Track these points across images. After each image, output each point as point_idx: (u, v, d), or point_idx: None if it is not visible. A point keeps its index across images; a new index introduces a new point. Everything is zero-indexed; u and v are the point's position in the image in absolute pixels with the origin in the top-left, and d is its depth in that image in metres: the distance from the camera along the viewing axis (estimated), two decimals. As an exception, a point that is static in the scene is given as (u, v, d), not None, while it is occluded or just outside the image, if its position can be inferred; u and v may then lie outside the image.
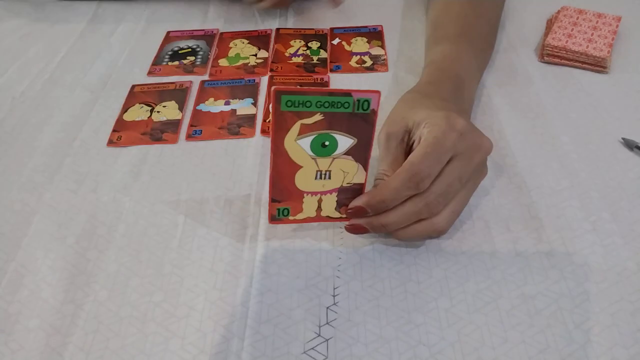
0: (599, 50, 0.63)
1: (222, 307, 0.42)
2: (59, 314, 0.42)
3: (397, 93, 0.54)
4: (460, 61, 0.56)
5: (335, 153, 0.42)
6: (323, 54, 0.69)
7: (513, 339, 0.40)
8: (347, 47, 0.70)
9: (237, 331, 0.41)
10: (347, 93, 0.39)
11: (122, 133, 0.58)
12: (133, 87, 0.65)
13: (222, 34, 0.73)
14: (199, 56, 0.69)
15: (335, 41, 0.71)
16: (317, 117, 0.40)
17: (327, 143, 0.41)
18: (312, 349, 0.40)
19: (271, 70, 0.67)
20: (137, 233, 0.48)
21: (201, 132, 0.58)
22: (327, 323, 0.41)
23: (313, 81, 0.64)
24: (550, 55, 0.65)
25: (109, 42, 0.73)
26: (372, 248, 0.46)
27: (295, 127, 0.40)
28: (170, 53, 0.70)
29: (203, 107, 0.61)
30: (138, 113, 0.61)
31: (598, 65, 0.63)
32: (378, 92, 0.40)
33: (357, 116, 0.40)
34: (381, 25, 0.73)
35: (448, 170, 0.42)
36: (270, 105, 0.38)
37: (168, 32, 0.74)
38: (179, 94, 0.63)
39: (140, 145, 0.57)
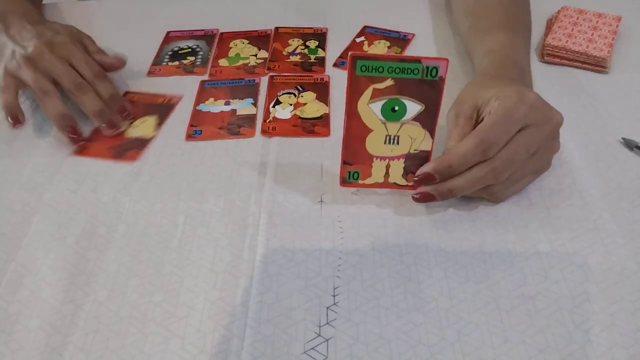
0: (599, 50, 0.63)
1: (222, 307, 0.42)
2: (59, 314, 0.42)
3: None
4: (517, 49, 0.57)
5: (404, 118, 0.44)
6: (321, 53, 0.69)
7: (513, 339, 0.40)
8: (365, 47, 0.69)
9: (237, 331, 0.41)
10: (417, 60, 0.41)
11: (85, 145, 0.57)
12: (126, 93, 0.64)
13: (222, 34, 0.73)
14: (199, 56, 0.69)
15: (360, 39, 0.71)
16: (389, 82, 0.42)
17: (396, 108, 0.43)
18: (312, 349, 0.40)
19: (268, 68, 0.67)
20: (137, 233, 0.48)
21: (201, 132, 0.58)
22: (327, 323, 0.41)
23: (313, 81, 0.64)
24: (550, 55, 0.65)
25: (108, 42, 0.73)
26: (372, 248, 0.46)
27: (368, 91, 0.43)
28: (170, 53, 0.70)
29: (203, 107, 0.61)
30: None
31: (598, 65, 0.63)
32: (446, 59, 0.41)
33: (425, 83, 0.42)
34: (413, 34, 0.71)
35: (516, 138, 0.44)
36: (346, 71, 0.42)
37: (168, 32, 0.74)
38: (163, 109, 0.61)
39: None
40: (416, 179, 0.46)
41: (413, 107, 0.44)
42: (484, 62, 0.56)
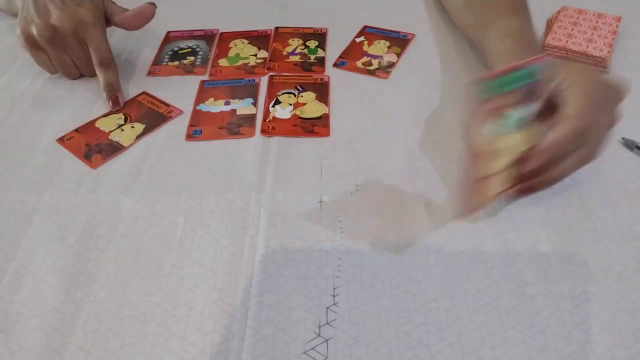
0: (599, 50, 0.63)
1: (222, 307, 0.42)
2: (59, 314, 0.42)
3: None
4: (530, 31, 0.57)
5: (521, 126, 0.44)
6: (321, 53, 0.69)
7: (513, 339, 0.40)
8: (365, 47, 0.69)
9: (237, 331, 0.41)
10: (531, 62, 0.41)
11: (73, 134, 0.58)
12: (139, 95, 0.64)
13: (222, 34, 0.73)
14: (199, 56, 0.69)
15: (360, 39, 0.71)
16: (509, 97, 0.42)
17: (512, 120, 0.43)
18: (312, 349, 0.40)
19: (268, 68, 0.67)
20: (137, 233, 0.48)
21: (201, 132, 0.58)
22: (327, 323, 0.41)
23: (313, 81, 0.64)
24: (550, 55, 0.65)
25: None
26: (372, 248, 0.46)
27: (487, 116, 0.42)
28: (170, 53, 0.70)
29: (203, 107, 0.61)
30: (106, 123, 0.60)
31: (598, 65, 0.63)
32: (550, 55, 0.41)
33: (536, 83, 0.42)
34: (413, 34, 0.71)
35: (601, 118, 0.45)
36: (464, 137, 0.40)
37: (168, 32, 0.74)
38: (156, 120, 0.60)
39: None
40: (523, 173, 0.45)
41: (526, 111, 0.43)
42: (503, 45, 0.55)
